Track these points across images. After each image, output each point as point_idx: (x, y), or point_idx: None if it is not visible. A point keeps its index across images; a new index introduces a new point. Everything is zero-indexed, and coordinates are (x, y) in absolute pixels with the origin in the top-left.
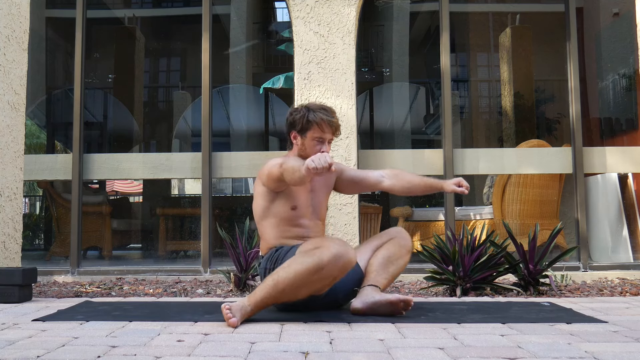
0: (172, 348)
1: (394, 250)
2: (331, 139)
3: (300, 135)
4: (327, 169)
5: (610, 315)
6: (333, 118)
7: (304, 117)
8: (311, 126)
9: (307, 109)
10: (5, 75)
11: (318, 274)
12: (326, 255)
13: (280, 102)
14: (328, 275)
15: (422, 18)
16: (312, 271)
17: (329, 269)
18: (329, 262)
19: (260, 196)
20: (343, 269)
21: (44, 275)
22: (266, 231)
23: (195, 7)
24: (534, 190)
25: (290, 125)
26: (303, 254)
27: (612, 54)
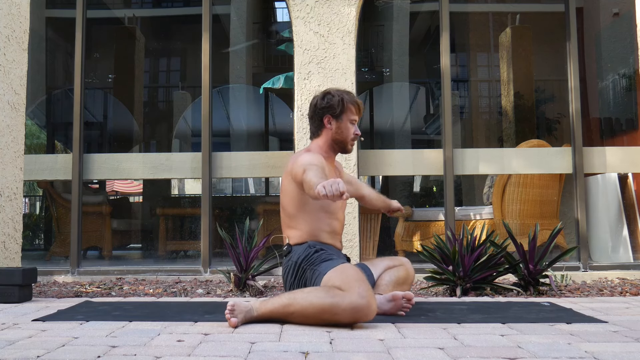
0: (172, 348)
1: (403, 275)
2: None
3: (336, 119)
4: (338, 197)
5: (610, 315)
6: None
7: (341, 100)
8: (348, 109)
9: (338, 92)
10: (5, 75)
11: (330, 316)
12: (345, 303)
13: (280, 102)
14: (340, 321)
15: (422, 18)
16: (326, 311)
17: (343, 317)
18: (344, 311)
19: (294, 190)
20: (357, 321)
21: (44, 275)
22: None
23: (195, 7)
24: (534, 190)
25: (326, 109)
26: (327, 289)
27: (612, 54)
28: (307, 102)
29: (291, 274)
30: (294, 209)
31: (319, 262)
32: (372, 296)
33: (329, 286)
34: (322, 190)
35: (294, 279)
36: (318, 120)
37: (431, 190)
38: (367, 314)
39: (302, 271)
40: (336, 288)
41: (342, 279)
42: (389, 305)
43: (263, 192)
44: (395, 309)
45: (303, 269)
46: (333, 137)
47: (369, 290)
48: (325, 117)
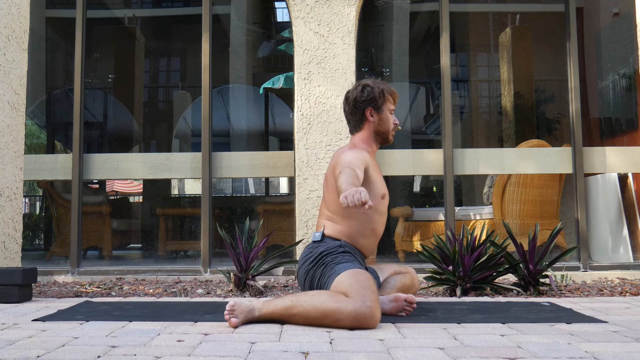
0: (172, 348)
1: (408, 283)
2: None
3: (377, 111)
4: (360, 206)
5: (610, 315)
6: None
7: (381, 92)
8: (387, 100)
9: (376, 83)
10: (5, 75)
11: (332, 321)
12: (348, 309)
13: (280, 102)
14: (342, 326)
15: (422, 18)
16: (328, 316)
17: (344, 323)
18: (347, 317)
19: (332, 188)
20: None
21: (44, 275)
22: (343, 221)
23: (195, 7)
24: (534, 190)
25: (367, 102)
26: (331, 294)
27: (612, 54)
28: (307, 102)
29: (311, 262)
30: (337, 207)
31: (340, 262)
32: (378, 306)
33: (334, 292)
34: (344, 201)
35: (311, 266)
36: (360, 114)
37: (431, 190)
38: (369, 323)
39: (322, 263)
40: (342, 294)
41: (351, 283)
42: (390, 306)
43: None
44: (396, 309)
45: (324, 262)
46: (375, 129)
47: (374, 300)
48: (368, 109)
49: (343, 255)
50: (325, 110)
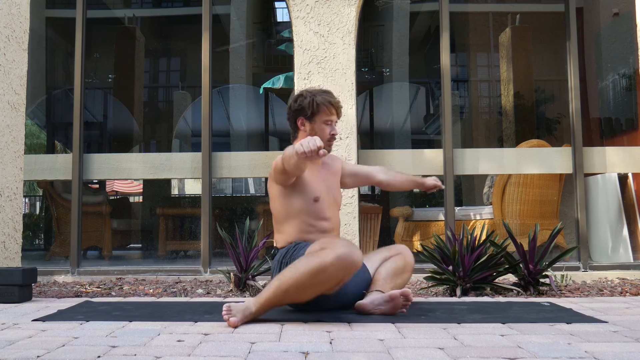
0: (172, 348)
1: (401, 265)
2: (336, 120)
3: (309, 121)
4: (315, 152)
5: (610, 315)
6: (336, 99)
7: (312, 101)
8: (320, 109)
9: (311, 93)
10: (5, 75)
11: (322, 276)
12: (330, 257)
13: (280, 102)
14: (332, 277)
15: (422, 18)
16: (316, 272)
17: (333, 271)
18: (332, 264)
19: (277, 196)
20: (347, 271)
21: (44, 275)
22: (287, 229)
23: (195, 7)
24: (534, 190)
25: (297, 112)
26: (308, 255)
27: (612, 54)
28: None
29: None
30: (280, 213)
31: (300, 249)
32: (355, 246)
33: (311, 251)
34: (300, 148)
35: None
36: (293, 123)
37: None
38: (354, 260)
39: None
40: (319, 250)
41: (323, 242)
42: (388, 306)
43: (263, 192)
44: (394, 309)
45: (285, 263)
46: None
47: (350, 243)
48: (299, 119)
49: (302, 248)
50: None
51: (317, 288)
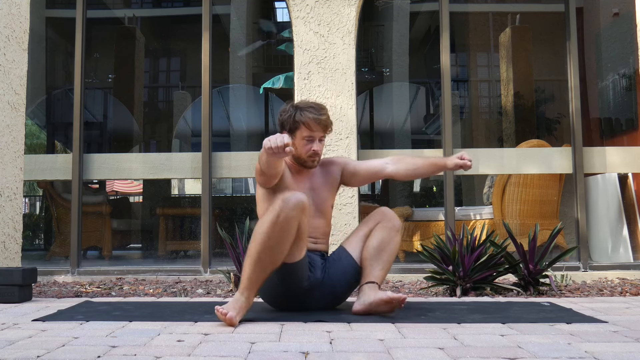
0: (172, 348)
1: (383, 236)
2: (322, 136)
3: (290, 135)
4: (281, 148)
5: (610, 315)
6: (321, 115)
7: (292, 117)
8: (299, 126)
9: (295, 108)
10: (5, 75)
11: (278, 225)
12: (277, 204)
13: (280, 102)
14: (289, 221)
15: (422, 18)
16: (272, 224)
17: (285, 213)
18: (281, 207)
19: (261, 199)
20: (299, 209)
21: (44, 275)
22: None
23: (195, 7)
24: (534, 190)
25: (280, 126)
26: (260, 217)
27: (612, 54)
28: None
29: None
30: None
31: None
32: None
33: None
34: (267, 143)
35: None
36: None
37: (431, 190)
38: (298, 198)
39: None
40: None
41: (267, 205)
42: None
43: None
44: (392, 308)
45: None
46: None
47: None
48: (282, 132)
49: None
50: None
51: (283, 240)
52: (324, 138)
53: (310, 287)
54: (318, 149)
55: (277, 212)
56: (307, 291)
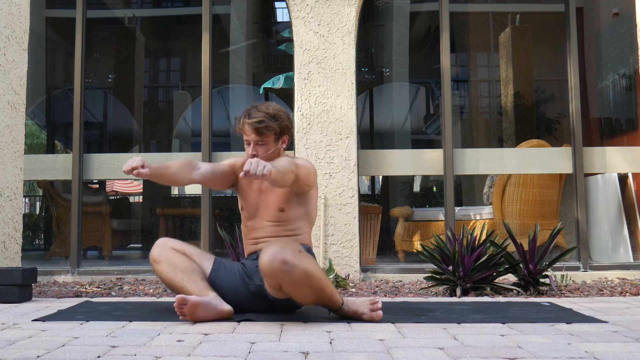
0: (172, 348)
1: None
2: (257, 139)
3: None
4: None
5: (610, 315)
6: (250, 119)
7: (235, 121)
8: (236, 130)
9: (244, 112)
10: (5, 75)
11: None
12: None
13: (280, 102)
14: (157, 272)
15: (422, 18)
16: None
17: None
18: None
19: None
20: (153, 262)
21: (44, 275)
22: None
23: (195, 7)
24: (534, 190)
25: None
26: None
27: (612, 54)
28: (307, 102)
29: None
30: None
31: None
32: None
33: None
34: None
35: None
36: None
37: (431, 190)
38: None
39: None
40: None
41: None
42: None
43: None
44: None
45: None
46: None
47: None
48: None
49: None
50: (325, 110)
51: (170, 284)
52: (265, 142)
53: (255, 293)
54: (255, 152)
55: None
56: (253, 297)
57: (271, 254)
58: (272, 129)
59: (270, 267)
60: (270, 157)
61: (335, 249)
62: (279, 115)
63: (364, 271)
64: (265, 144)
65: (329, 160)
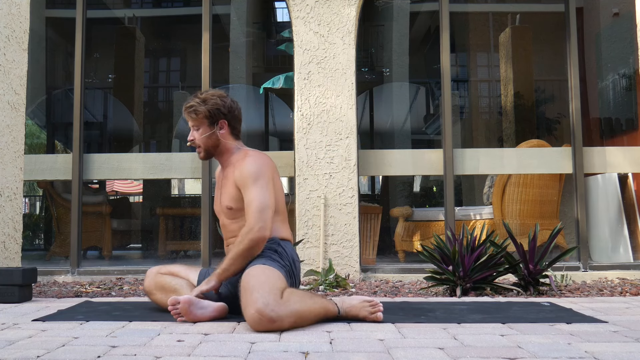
0: (172, 348)
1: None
2: (192, 124)
3: None
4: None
5: (610, 315)
6: (186, 104)
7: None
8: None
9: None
10: (5, 75)
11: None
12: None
13: (280, 102)
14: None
15: (422, 18)
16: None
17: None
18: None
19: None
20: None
21: (44, 275)
22: None
23: (195, 7)
24: (534, 190)
25: None
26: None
27: (612, 54)
28: (307, 102)
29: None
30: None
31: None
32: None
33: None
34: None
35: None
36: None
37: (431, 190)
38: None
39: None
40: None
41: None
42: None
43: None
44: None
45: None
46: None
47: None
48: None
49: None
50: (325, 110)
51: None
52: (198, 127)
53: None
54: (192, 137)
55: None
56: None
57: (256, 314)
58: (200, 112)
59: (260, 327)
60: (206, 141)
61: (335, 249)
62: (209, 100)
63: (364, 271)
64: (198, 128)
65: (329, 160)
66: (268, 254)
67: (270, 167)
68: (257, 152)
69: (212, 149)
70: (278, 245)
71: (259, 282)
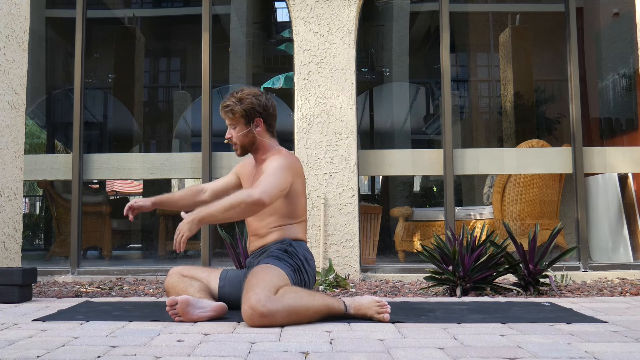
0: (172, 348)
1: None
2: (229, 123)
3: None
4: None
5: (610, 315)
6: (222, 103)
7: None
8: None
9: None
10: (5, 75)
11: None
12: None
13: (280, 102)
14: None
15: (422, 18)
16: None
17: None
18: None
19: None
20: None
21: (44, 275)
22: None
23: (195, 7)
24: (534, 190)
25: None
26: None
27: (612, 54)
28: (307, 102)
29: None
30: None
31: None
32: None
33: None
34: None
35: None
36: None
37: (431, 190)
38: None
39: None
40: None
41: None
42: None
43: None
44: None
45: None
46: None
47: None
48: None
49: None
50: (325, 110)
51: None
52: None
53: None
54: (229, 135)
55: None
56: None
57: (249, 309)
58: (236, 112)
59: (252, 322)
60: (243, 139)
61: (335, 249)
62: (245, 99)
63: (364, 271)
64: (235, 126)
65: (329, 160)
66: (277, 253)
67: (297, 167)
68: (289, 153)
69: (248, 146)
70: (289, 245)
71: (256, 280)
